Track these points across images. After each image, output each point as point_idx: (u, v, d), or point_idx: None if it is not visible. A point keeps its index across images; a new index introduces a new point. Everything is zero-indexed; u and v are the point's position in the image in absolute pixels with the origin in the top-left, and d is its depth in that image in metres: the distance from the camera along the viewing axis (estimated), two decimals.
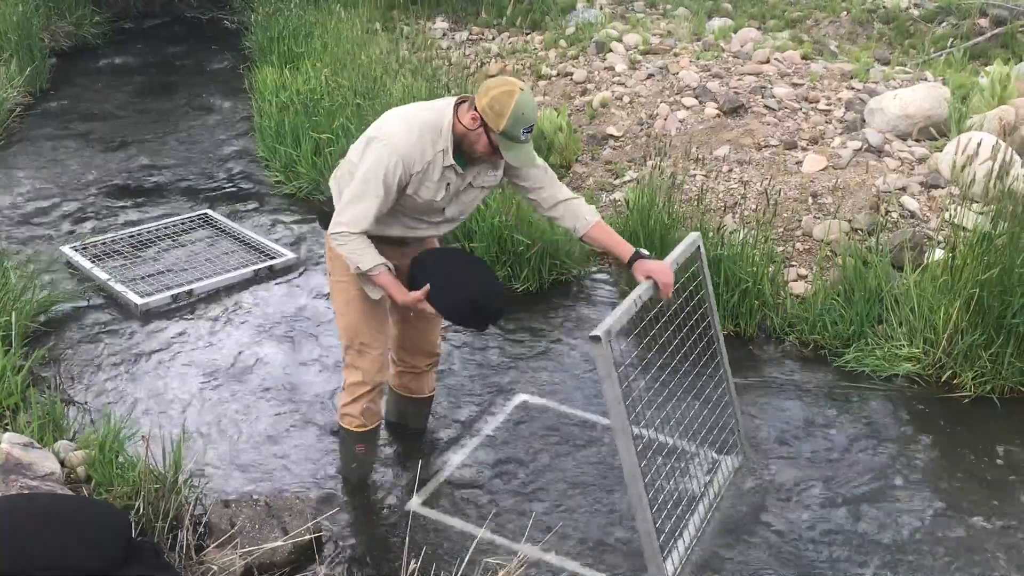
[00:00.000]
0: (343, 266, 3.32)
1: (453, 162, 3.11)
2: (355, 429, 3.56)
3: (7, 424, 3.74)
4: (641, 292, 3.16)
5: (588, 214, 3.34)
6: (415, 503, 3.60)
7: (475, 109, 3.04)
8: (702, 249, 3.58)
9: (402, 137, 3.07)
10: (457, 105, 3.11)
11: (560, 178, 6.10)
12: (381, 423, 3.69)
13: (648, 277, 3.23)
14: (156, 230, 5.85)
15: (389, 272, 3.20)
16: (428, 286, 3.18)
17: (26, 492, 3.01)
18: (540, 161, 3.28)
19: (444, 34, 8.94)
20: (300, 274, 5.37)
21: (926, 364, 4.36)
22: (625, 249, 3.31)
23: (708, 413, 3.69)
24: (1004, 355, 4.23)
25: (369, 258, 3.15)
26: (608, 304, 5.08)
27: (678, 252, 3.40)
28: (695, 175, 5.82)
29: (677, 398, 3.61)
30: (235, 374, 4.44)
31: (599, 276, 5.36)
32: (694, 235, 3.54)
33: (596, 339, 2.85)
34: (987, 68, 6.58)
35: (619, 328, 2.97)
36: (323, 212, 3.37)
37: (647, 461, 3.07)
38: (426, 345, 3.74)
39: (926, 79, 6.96)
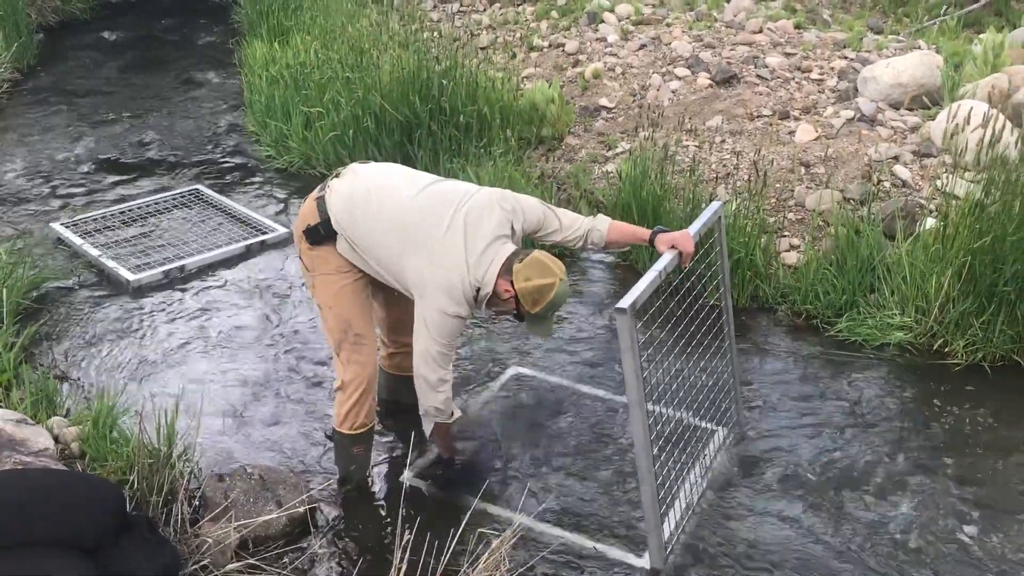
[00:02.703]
0: (324, 260, 3.34)
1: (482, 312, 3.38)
2: (356, 431, 3.50)
3: (0, 401, 3.74)
4: (666, 263, 3.14)
5: (600, 224, 3.39)
6: (409, 475, 3.62)
7: (511, 284, 3.13)
8: (722, 219, 3.57)
9: (464, 309, 3.18)
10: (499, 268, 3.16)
11: (552, 151, 6.14)
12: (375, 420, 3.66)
13: (672, 247, 3.26)
14: (147, 206, 5.83)
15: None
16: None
17: (19, 468, 3.01)
18: (544, 209, 3.35)
19: (435, 6, 8.86)
20: (292, 249, 5.35)
21: (918, 333, 4.38)
22: (644, 231, 3.41)
23: (708, 383, 3.70)
24: (995, 323, 4.24)
25: (455, 408, 3.48)
26: (600, 275, 5.08)
27: (701, 222, 3.39)
28: (687, 146, 5.80)
29: (679, 367, 3.61)
30: (228, 349, 4.44)
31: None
32: (716, 204, 3.52)
33: (622, 311, 2.83)
34: (980, 36, 6.55)
35: (644, 300, 2.95)
36: (316, 230, 3.32)
37: (653, 431, 3.08)
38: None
39: (919, 47, 6.92)
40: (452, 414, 3.43)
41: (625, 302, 2.85)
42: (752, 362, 4.32)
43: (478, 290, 3.17)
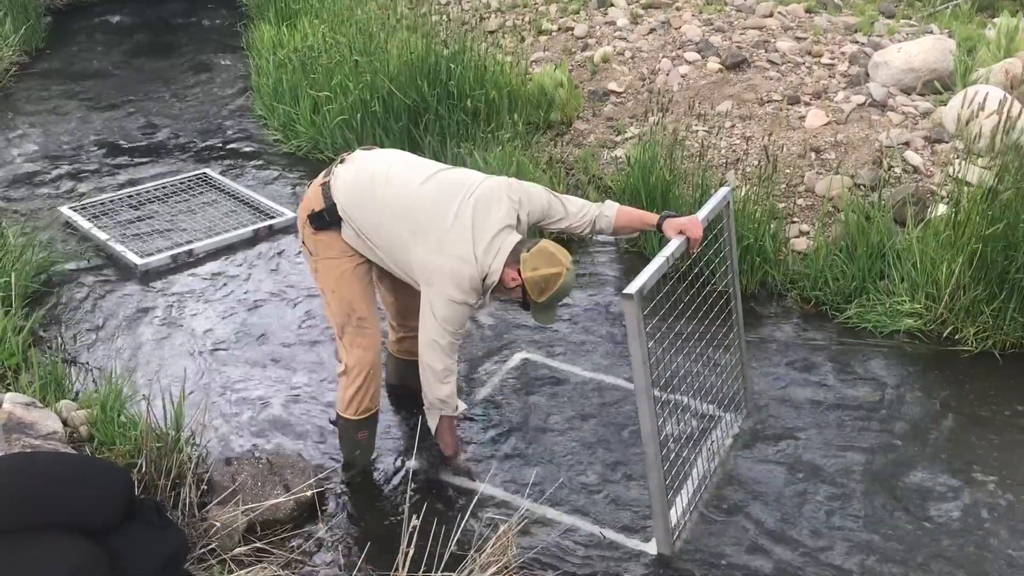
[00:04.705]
0: (328, 245, 3.33)
1: (486, 302, 3.35)
2: (361, 416, 3.48)
3: (9, 384, 3.76)
4: (673, 249, 3.13)
5: (608, 210, 3.38)
6: (416, 461, 3.62)
7: (518, 272, 3.13)
8: (731, 204, 3.55)
9: (471, 297, 3.18)
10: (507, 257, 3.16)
11: (561, 135, 6.11)
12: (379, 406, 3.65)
13: (680, 233, 3.23)
14: (155, 190, 5.82)
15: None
16: None
17: (28, 451, 3.02)
18: (550, 198, 3.32)
19: None
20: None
21: (928, 320, 4.35)
22: (652, 216, 3.38)
23: (716, 369, 3.68)
24: (1006, 310, 4.21)
25: (460, 402, 3.43)
26: (608, 261, 5.06)
27: (709, 207, 3.37)
28: (697, 131, 5.77)
29: (686, 353, 3.60)
30: (234, 334, 4.44)
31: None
32: (725, 189, 3.50)
33: (628, 297, 2.82)
34: (994, 20, 6.49)
35: (651, 286, 2.94)
36: (321, 216, 3.30)
37: (660, 417, 3.07)
38: None
39: (931, 32, 6.86)
40: (457, 407, 3.41)
41: (632, 288, 2.83)
42: (761, 348, 4.31)
43: (484, 279, 3.16)
